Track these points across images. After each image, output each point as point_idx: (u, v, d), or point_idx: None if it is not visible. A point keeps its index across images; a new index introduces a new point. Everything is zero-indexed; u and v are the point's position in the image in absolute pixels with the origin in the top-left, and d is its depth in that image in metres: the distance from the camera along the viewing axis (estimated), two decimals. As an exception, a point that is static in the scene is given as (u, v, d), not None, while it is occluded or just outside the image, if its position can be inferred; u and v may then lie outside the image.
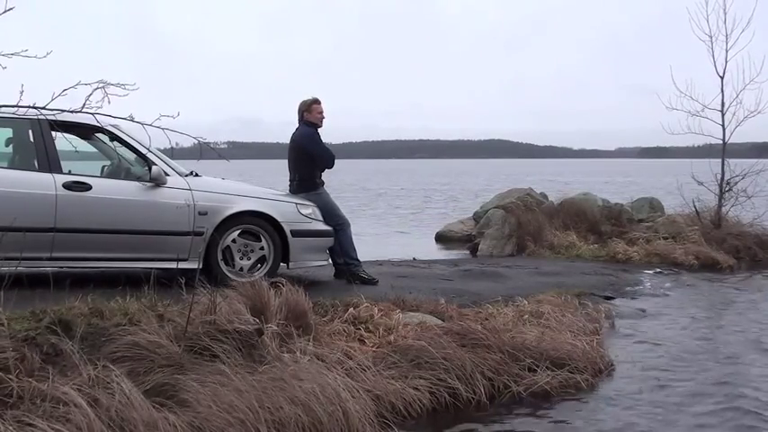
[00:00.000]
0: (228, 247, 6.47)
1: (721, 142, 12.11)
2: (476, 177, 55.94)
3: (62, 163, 6.13)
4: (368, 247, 10.12)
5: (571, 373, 5.13)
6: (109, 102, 3.59)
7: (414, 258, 10.17)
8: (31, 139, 6.13)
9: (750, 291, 9.12)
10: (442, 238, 14.13)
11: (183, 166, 6.60)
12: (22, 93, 3.61)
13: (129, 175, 6.52)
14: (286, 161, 7.63)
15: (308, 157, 7.37)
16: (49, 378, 3.67)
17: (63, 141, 6.03)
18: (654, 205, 13.80)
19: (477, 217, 13.73)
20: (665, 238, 11.43)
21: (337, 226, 7.24)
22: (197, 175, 6.58)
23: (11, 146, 6.38)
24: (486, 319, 5.96)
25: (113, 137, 6.42)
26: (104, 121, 5.79)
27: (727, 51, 11.82)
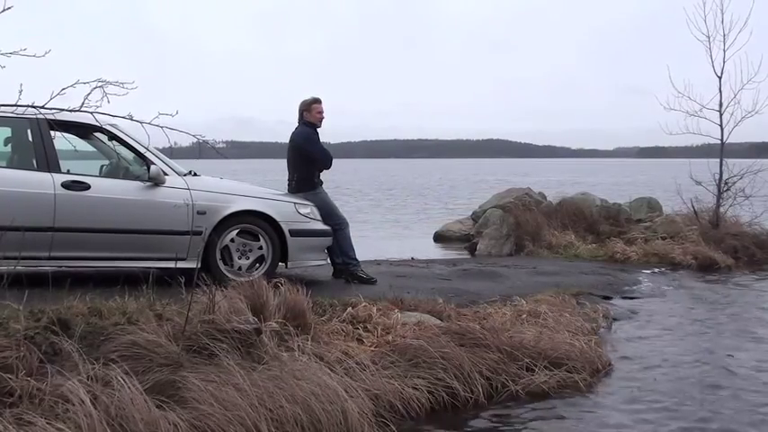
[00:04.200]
0: (227, 246, 6.48)
1: (719, 142, 12.13)
2: (444, 176, 56.00)
3: (61, 162, 6.14)
4: (366, 246, 10.13)
5: (569, 372, 5.13)
6: (108, 101, 3.60)
7: (412, 258, 10.18)
8: (30, 139, 6.14)
9: (748, 290, 9.14)
10: (441, 238, 14.13)
11: (182, 165, 6.60)
12: (20, 92, 3.62)
13: (127, 175, 6.53)
14: (282, 160, 7.63)
15: (307, 156, 7.38)
16: (48, 377, 3.68)
17: (62, 140, 6.03)
18: (652, 205, 13.82)
19: (475, 217, 13.74)
20: (663, 238, 11.44)
21: (336, 225, 7.25)
22: (196, 174, 6.58)
23: (9, 145, 6.39)
24: (485, 319, 5.96)
25: (112, 136, 6.43)
26: (103, 120, 5.80)
27: (725, 51, 11.83)
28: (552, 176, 48.89)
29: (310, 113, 7.43)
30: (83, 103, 3.66)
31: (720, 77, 11.92)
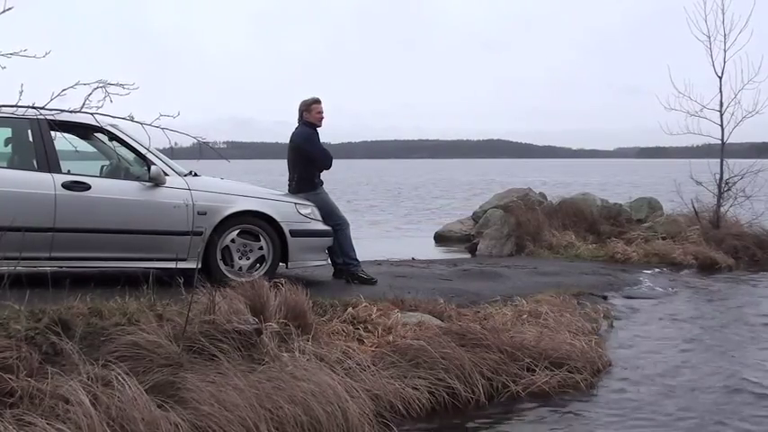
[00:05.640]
0: (227, 246, 6.48)
1: (720, 142, 12.13)
2: (418, 178, 55.95)
3: (61, 163, 6.13)
4: (367, 246, 10.12)
5: (570, 372, 5.13)
6: (111, 101, 3.60)
7: (413, 258, 10.17)
8: (31, 139, 6.14)
9: (748, 291, 9.13)
10: (441, 238, 14.13)
11: (183, 165, 6.60)
12: (21, 93, 3.62)
13: (128, 175, 6.53)
14: (282, 161, 7.62)
15: (307, 157, 7.38)
16: (48, 377, 3.68)
17: (62, 141, 6.03)
18: (653, 205, 13.82)
19: (476, 217, 13.74)
20: (664, 238, 11.44)
21: (336, 226, 7.24)
22: (196, 174, 6.58)
23: (10, 146, 6.39)
24: (485, 319, 5.96)
25: (112, 136, 6.42)
26: (103, 121, 5.80)
27: (725, 52, 11.84)
28: (535, 177, 48.83)
29: (310, 114, 7.43)
30: (83, 104, 3.66)
31: (721, 77, 11.93)
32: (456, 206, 23.56)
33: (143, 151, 6.31)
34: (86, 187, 6.11)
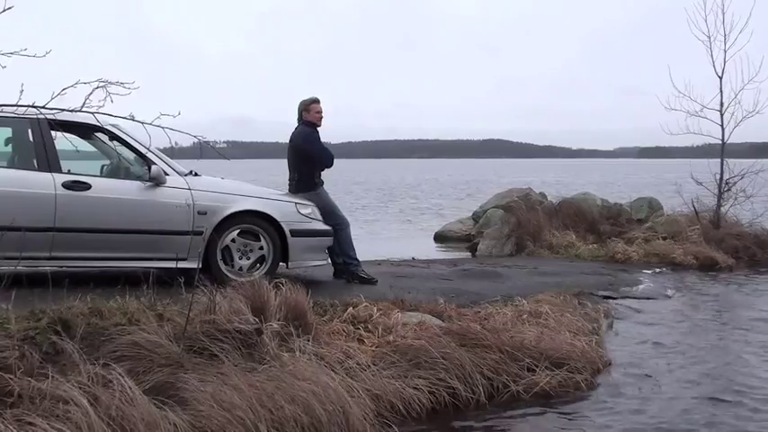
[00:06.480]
0: (228, 246, 6.47)
1: (720, 142, 12.13)
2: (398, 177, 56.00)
3: (62, 162, 6.13)
4: (367, 246, 10.13)
5: (570, 372, 5.13)
6: (112, 101, 3.59)
7: (413, 258, 10.17)
8: (31, 139, 6.14)
9: (748, 290, 9.13)
10: (441, 238, 14.14)
11: (183, 165, 6.60)
12: (21, 92, 3.62)
13: (128, 175, 6.53)
14: (282, 160, 7.61)
15: (307, 156, 7.38)
16: (48, 377, 3.67)
17: (63, 141, 6.03)
18: (653, 205, 13.83)
19: (476, 217, 13.75)
20: (664, 238, 11.44)
21: (336, 225, 7.24)
22: (196, 174, 6.58)
23: (10, 145, 6.39)
24: (486, 319, 5.96)
25: (113, 136, 6.42)
26: (104, 121, 5.80)
27: (725, 52, 11.84)
28: (521, 177, 48.81)
29: (309, 113, 7.43)
30: (84, 104, 3.66)
31: (721, 77, 11.94)
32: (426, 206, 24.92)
33: (143, 151, 6.31)
34: (87, 187, 6.10)
